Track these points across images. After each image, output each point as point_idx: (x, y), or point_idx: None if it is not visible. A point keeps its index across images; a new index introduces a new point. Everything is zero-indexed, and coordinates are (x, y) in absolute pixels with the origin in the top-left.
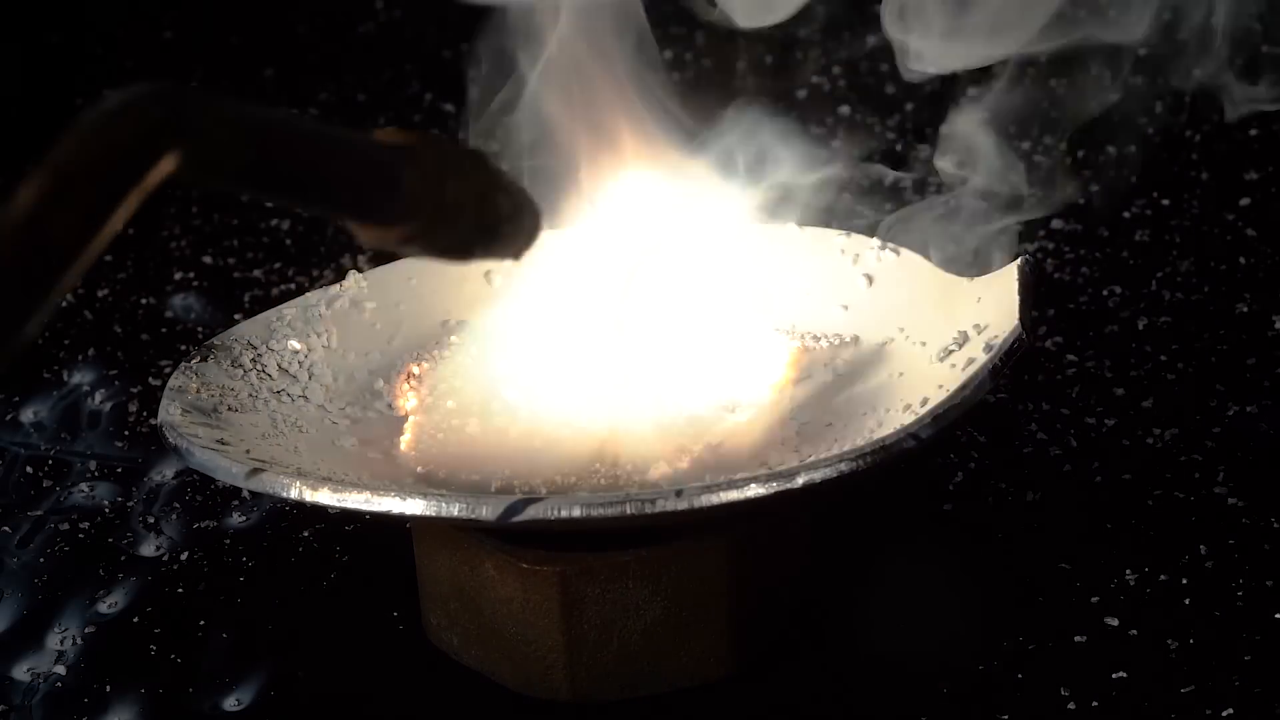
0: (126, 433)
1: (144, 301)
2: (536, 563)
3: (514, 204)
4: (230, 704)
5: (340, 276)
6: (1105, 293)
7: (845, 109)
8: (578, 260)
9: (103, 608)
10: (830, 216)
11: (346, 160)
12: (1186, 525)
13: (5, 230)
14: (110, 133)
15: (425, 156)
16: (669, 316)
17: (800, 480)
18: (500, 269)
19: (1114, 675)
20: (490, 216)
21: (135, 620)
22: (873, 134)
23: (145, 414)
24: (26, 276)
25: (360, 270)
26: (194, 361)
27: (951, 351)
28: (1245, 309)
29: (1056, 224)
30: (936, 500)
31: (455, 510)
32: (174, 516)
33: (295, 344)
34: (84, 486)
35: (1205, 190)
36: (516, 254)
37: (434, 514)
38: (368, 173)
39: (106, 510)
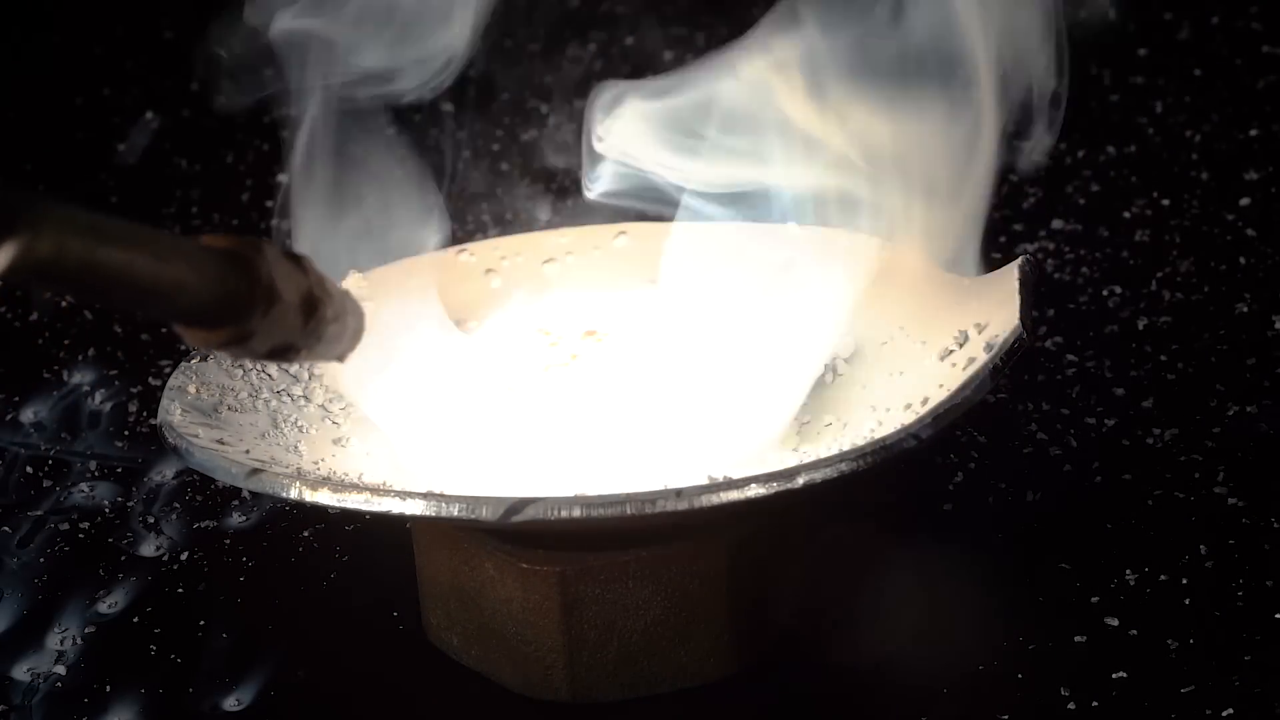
0: (126, 433)
1: None
2: (536, 563)
3: (338, 306)
4: (230, 704)
5: (341, 276)
6: (1105, 293)
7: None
8: (577, 260)
9: (103, 608)
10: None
11: (174, 264)
12: (1186, 525)
13: None
14: None
15: (251, 260)
16: (670, 317)
17: (800, 480)
18: (498, 272)
19: (1114, 675)
20: (314, 319)
21: (135, 620)
22: None
23: (145, 414)
24: None
25: (361, 270)
26: (194, 361)
27: (952, 351)
28: (1245, 309)
29: (1057, 224)
30: (936, 500)
31: (455, 510)
32: (174, 516)
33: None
34: (84, 486)
35: (1205, 190)
36: (341, 356)
37: (434, 514)
38: (194, 276)
39: (106, 510)
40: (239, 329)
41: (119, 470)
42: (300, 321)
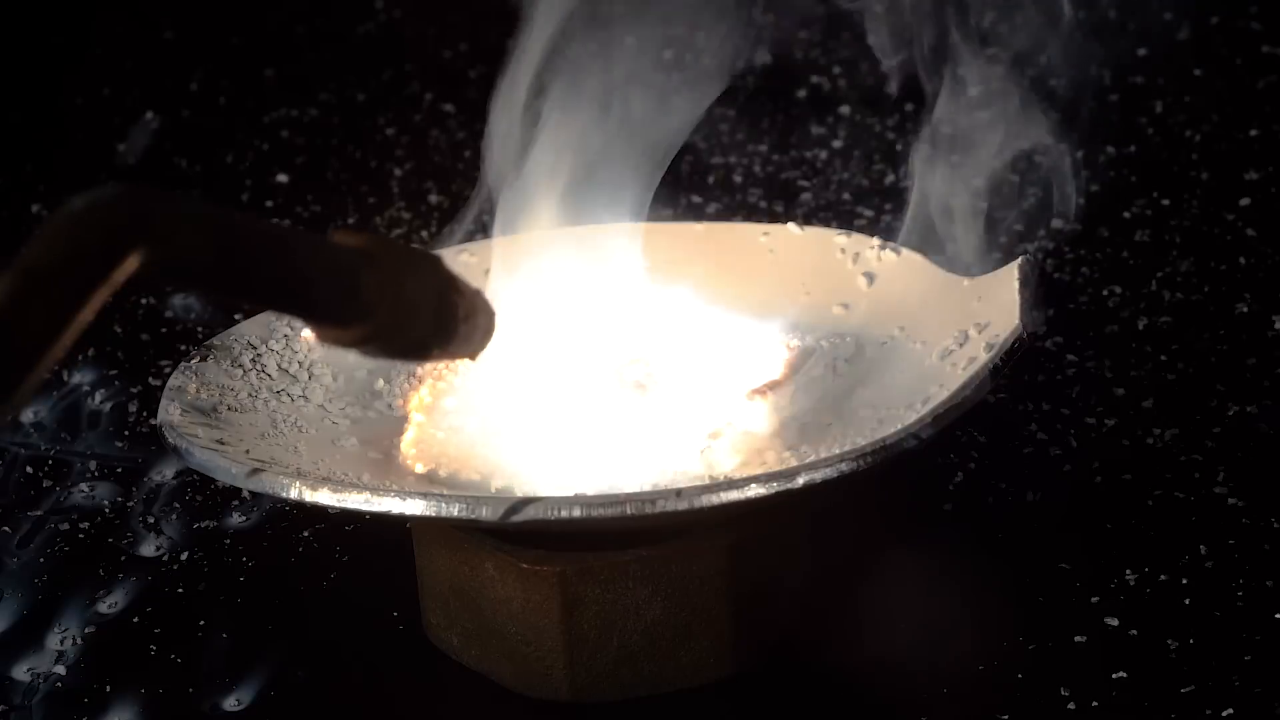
0: (126, 433)
1: (144, 301)
2: (536, 563)
3: (469, 305)
4: (230, 704)
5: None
6: (1105, 293)
7: (845, 109)
8: (576, 263)
9: (103, 608)
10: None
11: (305, 263)
12: (1186, 525)
13: None
14: (76, 234)
15: (383, 258)
16: (670, 318)
17: (800, 480)
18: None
19: (1114, 675)
20: (447, 317)
21: (135, 620)
22: (872, 134)
23: (145, 414)
24: None
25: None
26: (194, 361)
27: (952, 351)
28: (1245, 309)
29: (1056, 224)
30: (936, 500)
31: (455, 510)
32: (174, 516)
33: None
34: (84, 486)
35: (1205, 190)
36: (473, 354)
37: (434, 514)
38: (326, 275)
39: (106, 510)
40: (370, 327)
41: (119, 470)
42: (433, 320)
